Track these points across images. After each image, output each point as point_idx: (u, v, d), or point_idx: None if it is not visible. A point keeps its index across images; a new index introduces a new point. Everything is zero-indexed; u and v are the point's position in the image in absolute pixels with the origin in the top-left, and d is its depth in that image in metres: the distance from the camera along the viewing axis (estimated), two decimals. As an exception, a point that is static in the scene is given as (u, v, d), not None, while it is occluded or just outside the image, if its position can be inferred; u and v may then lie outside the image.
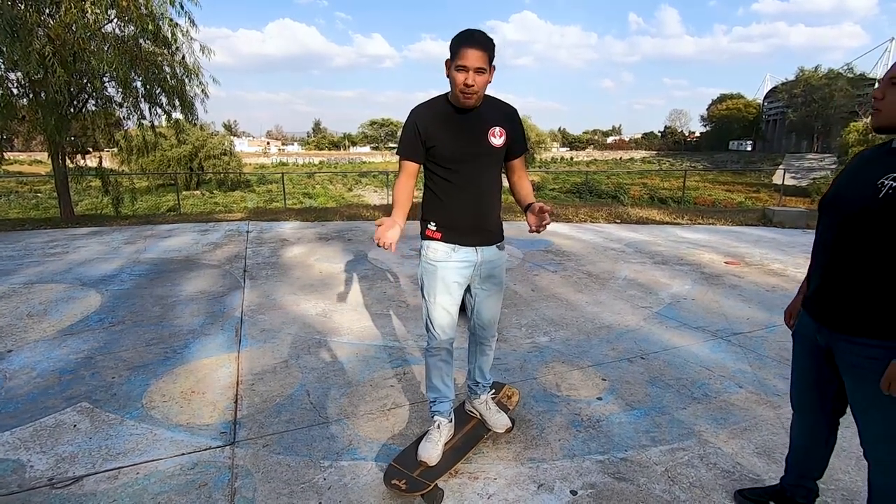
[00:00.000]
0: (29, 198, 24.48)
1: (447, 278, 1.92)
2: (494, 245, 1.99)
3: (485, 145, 1.85)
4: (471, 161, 1.85)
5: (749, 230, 8.14)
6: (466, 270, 1.95)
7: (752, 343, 3.35)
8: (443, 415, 2.07)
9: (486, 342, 2.16)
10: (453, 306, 1.97)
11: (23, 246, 6.53)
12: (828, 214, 1.46)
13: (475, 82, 1.72)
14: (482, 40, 1.71)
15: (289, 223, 8.48)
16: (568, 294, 4.39)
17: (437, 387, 2.06)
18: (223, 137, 38.00)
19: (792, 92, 58.20)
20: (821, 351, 1.50)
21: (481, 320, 2.10)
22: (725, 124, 75.10)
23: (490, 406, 2.23)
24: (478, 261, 1.95)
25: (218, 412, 2.47)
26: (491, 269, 2.00)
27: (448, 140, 1.83)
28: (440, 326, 1.98)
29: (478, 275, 1.99)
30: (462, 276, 1.95)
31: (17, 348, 3.21)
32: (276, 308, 4.02)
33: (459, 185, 1.87)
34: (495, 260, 2.01)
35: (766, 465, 2.08)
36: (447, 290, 1.94)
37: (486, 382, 2.24)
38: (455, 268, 1.92)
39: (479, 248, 1.94)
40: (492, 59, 1.76)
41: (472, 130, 1.84)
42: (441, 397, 2.06)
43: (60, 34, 7.63)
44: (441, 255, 1.92)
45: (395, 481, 1.86)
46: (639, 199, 25.00)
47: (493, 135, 1.85)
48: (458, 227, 1.90)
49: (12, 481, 1.96)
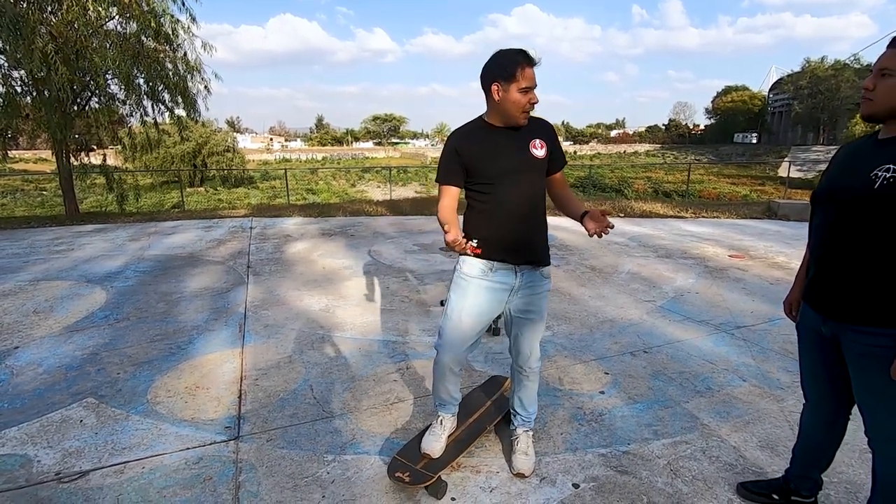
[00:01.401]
0: (34, 195, 24.63)
1: (480, 295, 1.82)
2: (537, 270, 1.87)
3: (528, 158, 1.80)
4: (515, 175, 1.78)
5: (753, 223, 8.10)
6: (501, 294, 1.85)
7: (756, 336, 3.34)
8: (448, 412, 2.06)
9: (524, 373, 1.99)
10: (477, 326, 1.86)
11: (28, 243, 6.57)
12: (821, 207, 1.47)
13: (535, 100, 1.71)
14: (537, 60, 1.71)
15: (292, 219, 8.49)
16: (571, 288, 4.39)
17: (442, 398, 2.02)
18: (226, 134, 38.04)
19: (798, 83, 57.68)
20: (827, 341, 1.50)
21: (518, 350, 1.96)
22: (730, 117, 74.60)
23: (520, 443, 2.04)
24: (516, 285, 1.84)
25: (222, 407, 2.49)
26: (530, 295, 1.87)
27: (491, 158, 1.78)
28: (455, 343, 1.87)
29: (514, 300, 1.87)
30: (495, 300, 1.85)
31: (24, 345, 3.24)
32: (280, 303, 4.03)
33: (504, 201, 1.78)
34: (536, 286, 1.88)
35: (769, 458, 2.08)
36: (476, 307, 1.83)
37: (526, 415, 2.06)
38: (489, 288, 1.83)
39: (518, 270, 1.83)
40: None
41: (514, 145, 1.79)
42: (447, 402, 2.04)
43: (63, 32, 7.66)
44: (477, 271, 1.82)
45: (398, 473, 1.87)
46: (643, 193, 24.89)
47: (535, 147, 1.80)
48: (501, 241, 1.79)
49: (20, 476, 1.98)
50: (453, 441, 2.06)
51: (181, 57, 9.26)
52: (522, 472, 1.97)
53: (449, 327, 1.86)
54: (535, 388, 2.05)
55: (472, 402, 2.34)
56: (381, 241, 6.50)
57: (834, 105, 52.98)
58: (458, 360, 1.92)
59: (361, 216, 8.78)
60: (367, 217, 8.69)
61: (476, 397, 2.40)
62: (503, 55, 1.71)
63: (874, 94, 1.32)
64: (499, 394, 2.41)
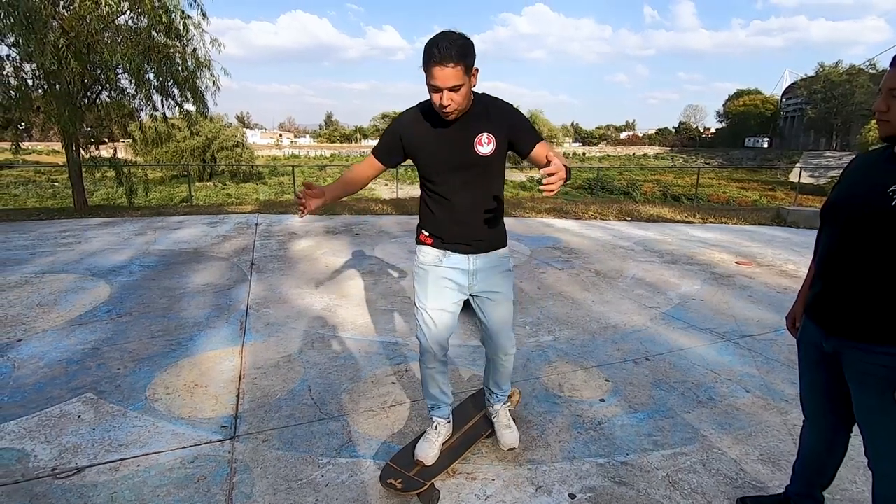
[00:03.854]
0: (46, 187, 24.90)
1: (438, 283, 1.84)
2: (490, 252, 1.86)
3: (472, 155, 1.70)
4: (459, 172, 1.73)
5: (762, 229, 8.00)
6: (459, 277, 1.85)
7: (761, 346, 3.29)
8: (441, 416, 2.04)
9: (497, 356, 1.99)
10: (444, 314, 1.86)
11: (37, 236, 6.63)
12: (831, 220, 1.43)
13: (452, 100, 1.55)
14: (450, 54, 1.48)
15: (297, 216, 8.49)
16: (574, 292, 4.35)
17: (433, 395, 2.02)
18: (236, 129, 38.29)
19: (811, 88, 57.08)
20: (828, 358, 1.46)
21: (487, 332, 1.96)
22: (742, 120, 73.91)
23: (500, 418, 2.12)
24: (470, 268, 1.84)
25: (220, 406, 2.49)
26: (488, 276, 1.86)
27: (432, 152, 1.73)
28: (430, 335, 1.88)
29: (475, 282, 1.86)
30: (453, 282, 1.85)
31: (27, 338, 3.26)
32: (282, 302, 4.03)
33: (448, 197, 1.76)
34: (493, 267, 1.87)
35: (770, 472, 2.04)
36: (437, 295, 1.84)
37: (501, 393, 2.12)
38: (446, 272, 1.84)
39: (471, 255, 1.83)
40: (469, 68, 1.54)
41: (458, 141, 1.69)
42: (438, 403, 2.03)
43: (74, 26, 7.71)
44: (431, 258, 1.85)
45: (390, 480, 1.85)
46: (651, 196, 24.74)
47: (480, 143, 1.68)
48: (448, 236, 1.81)
49: (16, 470, 1.98)
50: (448, 448, 2.04)
51: (191, 52, 9.29)
52: (511, 445, 2.03)
53: (421, 318, 1.89)
54: (510, 369, 2.06)
55: (466, 411, 2.32)
56: (385, 240, 6.49)
57: (848, 110, 52.35)
58: (440, 346, 1.90)
59: (367, 214, 8.78)
60: (373, 215, 8.69)
61: (470, 406, 2.37)
62: (428, 43, 1.52)
63: (889, 115, 1.29)
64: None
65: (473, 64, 1.57)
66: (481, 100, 1.72)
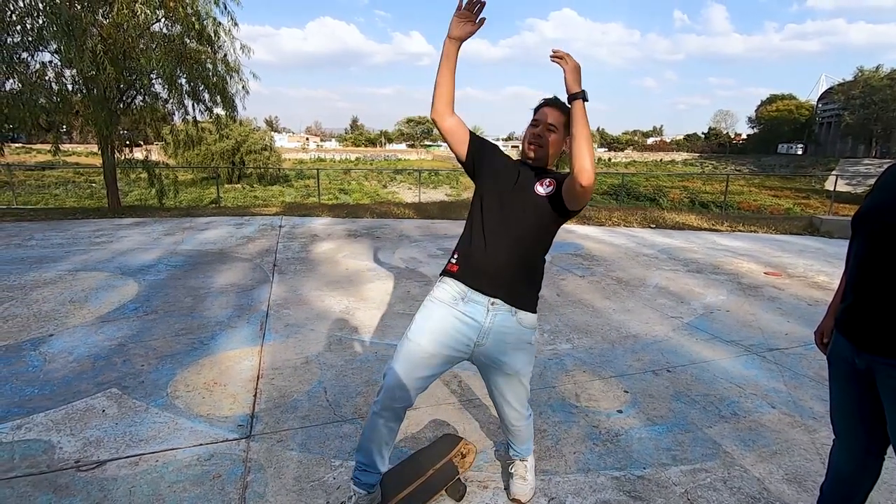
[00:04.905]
0: (84, 187, 25.94)
1: (443, 323, 1.61)
2: (514, 313, 1.62)
3: (528, 191, 1.66)
4: (511, 200, 1.66)
5: (794, 239, 7.74)
6: (468, 330, 1.60)
7: (789, 361, 3.17)
8: (362, 486, 1.67)
9: (513, 427, 1.82)
10: (430, 357, 1.60)
11: (72, 234, 6.89)
12: (863, 230, 1.36)
13: (543, 136, 1.71)
14: (561, 107, 1.71)
15: (321, 219, 8.62)
16: (594, 300, 4.28)
17: (368, 452, 1.65)
18: (264, 133, 39.15)
19: (849, 93, 55.05)
20: (860, 374, 1.40)
21: (498, 408, 1.79)
22: (775, 126, 71.77)
23: (517, 468, 1.91)
24: (485, 324, 1.60)
25: (237, 405, 2.53)
26: (502, 342, 1.62)
27: (497, 171, 1.73)
28: (403, 372, 1.58)
29: (485, 345, 1.62)
30: (460, 333, 1.60)
31: (58, 333, 3.38)
32: (302, 303, 4.08)
33: (491, 221, 1.66)
34: (510, 333, 1.62)
35: (795, 493, 1.96)
36: (437, 338, 1.60)
37: (518, 450, 1.90)
38: (456, 318, 1.61)
39: (492, 305, 1.61)
40: (567, 126, 1.66)
41: (524, 177, 1.70)
42: (368, 467, 1.66)
43: (111, 33, 8.03)
44: (448, 297, 1.65)
45: None
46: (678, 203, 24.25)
47: (542, 184, 1.66)
48: (477, 263, 1.64)
49: (42, 461, 2.05)
50: None
51: (221, 58, 9.58)
52: (519, 498, 1.85)
53: (404, 349, 1.62)
54: (528, 435, 1.88)
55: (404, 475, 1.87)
56: (405, 244, 6.52)
57: (889, 116, 50.32)
58: (405, 391, 1.60)
59: (388, 218, 8.84)
60: (394, 219, 8.74)
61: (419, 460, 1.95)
62: None
63: None
64: (446, 459, 1.93)
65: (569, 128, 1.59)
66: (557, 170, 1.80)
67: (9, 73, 8.00)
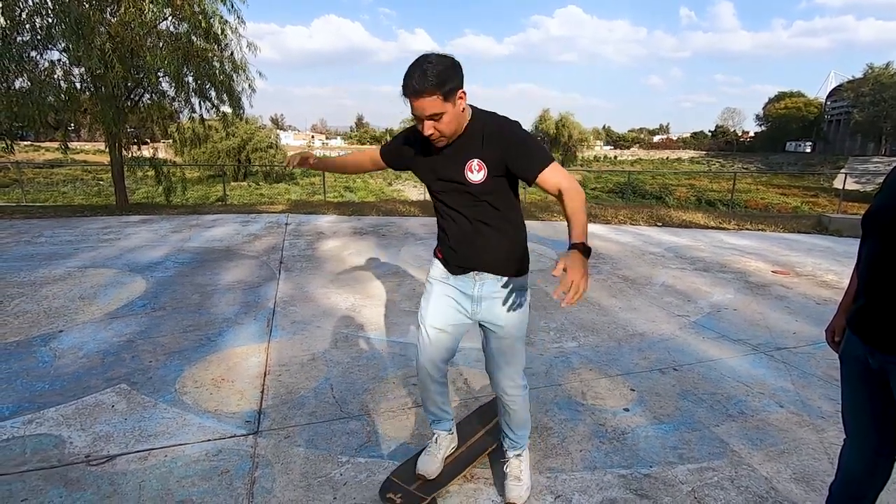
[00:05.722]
0: (92, 185, 26.11)
1: (441, 300, 1.74)
2: (498, 277, 1.68)
3: (463, 181, 1.58)
4: (455, 194, 1.63)
5: (802, 238, 7.68)
6: (462, 300, 1.72)
7: (797, 360, 3.15)
8: (442, 429, 1.97)
9: (498, 394, 1.81)
10: (442, 334, 1.74)
11: (81, 231, 6.95)
12: (873, 229, 1.35)
13: (435, 129, 1.48)
14: (423, 84, 1.39)
15: (326, 216, 8.65)
16: (601, 298, 4.27)
17: (431, 411, 1.93)
18: (270, 131, 39.27)
19: (859, 90, 54.49)
20: (874, 374, 1.39)
21: (490, 372, 1.82)
22: (783, 124, 71.12)
23: (511, 467, 1.88)
24: (475, 294, 1.69)
25: (245, 401, 2.54)
26: (492, 306, 1.69)
27: (430, 169, 1.66)
28: (425, 354, 1.77)
29: (479, 309, 1.71)
30: (456, 305, 1.73)
31: (68, 329, 3.41)
32: (308, 300, 4.10)
33: (449, 216, 1.68)
34: (497, 295, 1.68)
35: (804, 492, 1.95)
36: (438, 313, 1.74)
37: (512, 438, 1.88)
38: (450, 291, 1.73)
39: (477, 276, 1.69)
40: (450, 93, 1.42)
41: (451, 164, 1.58)
42: (438, 418, 1.94)
43: (119, 31, 8.07)
44: (439, 273, 1.77)
45: (390, 495, 1.80)
46: (685, 201, 24.10)
47: (470, 169, 1.55)
48: (451, 256, 1.72)
49: (53, 456, 2.08)
50: (452, 462, 1.96)
51: (228, 56, 9.60)
52: (513, 500, 1.82)
53: (419, 334, 1.79)
54: (523, 414, 1.84)
55: (472, 423, 2.24)
56: (411, 241, 6.53)
57: (899, 114, 49.77)
58: (435, 366, 1.79)
59: (394, 216, 8.85)
60: (400, 217, 8.75)
61: (476, 418, 2.30)
62: (406, 71, 1.44)
63: None
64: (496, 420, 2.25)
65: (457, 87, 1.44)
66: (479, 121, 1.57)
67: (18, 72, 8.06)
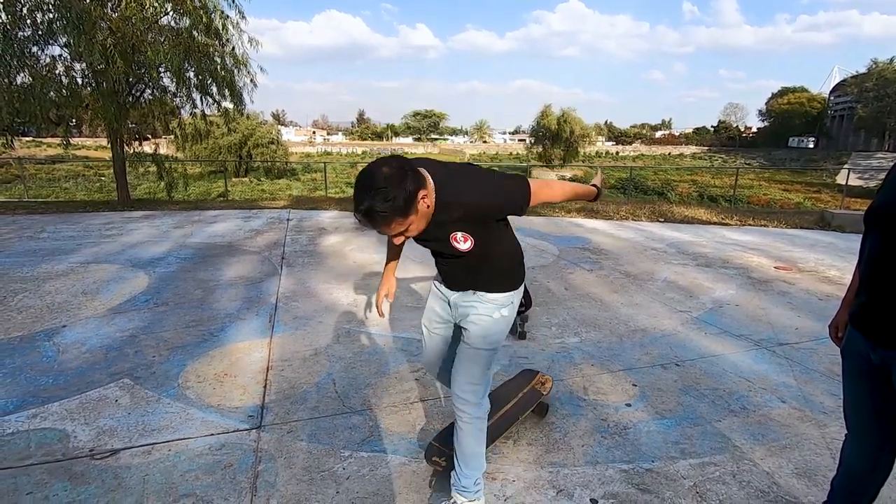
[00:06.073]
0: (94, 181, 26.12)
1: (431, 301, 1.89)
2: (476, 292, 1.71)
3: (454, 252, 1.61)
4: (445, 257, 1.70)
5: (804, 233, 7.66)
6: (443, 303, 1.83)
7: (800, 355, 3.14)
8: None
9: (455, 408, 1.71)
10: (432, 335, 1.88)
11: (83, 227, 6.96)
12: (875, 225, 1.35)
13: (406, 236, 1.51)
14: (377, 220, 1.36)
15: (328, 212, 8.65)
16: (603, 294, 4.27)
17: None
18: (271, 127, 39.14)
19: (863, 85, 54.17)
20: (875, 370, 1.39)
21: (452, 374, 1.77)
22: (786, 119, 70.85)
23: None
24: (451, 298, 1.78)
25: (247, 395, 2.55)
26: (464, 313, 1.73)
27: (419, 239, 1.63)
28: (424, 352, 1.94)
29: (456, 314, 1.78)
30: (441, 307, 1.83)
31: (71, 324, 3.43)
32: (310, 296, 4.11)
33: (439, 260, 1.77)
34: (471, 303, 1.70)
35: (805, 487, 1.95)
36: (429, 315, 1.89)
37: (457, 475, 1.73)
38: (439, 295, 1.86)
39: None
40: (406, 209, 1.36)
41: (436, 236, 1.58)
42: None
43: (120, 27, 8.03)
44: (436, 276, 1.89)
45: (435, 458, 1.89)
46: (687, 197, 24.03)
47: (456, 240, 1.57)
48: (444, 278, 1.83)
49: (57, 450, 2.09)
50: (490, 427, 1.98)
51: (229, 51, 9.56)
52: None
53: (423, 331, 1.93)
54: (470, 442, 1.69)
55: (503, 394, 2.33)
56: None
57: (903, 109, 49.50)
58: (433, 363, 1.92)
59: (396, 212, 8.84)
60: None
61: (507, 389, 2.40)
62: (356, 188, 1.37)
63: None
64: (529, 387, 2.41)
65: (414, 197, 1.37)
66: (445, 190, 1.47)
67: (20, 68, 8.05)
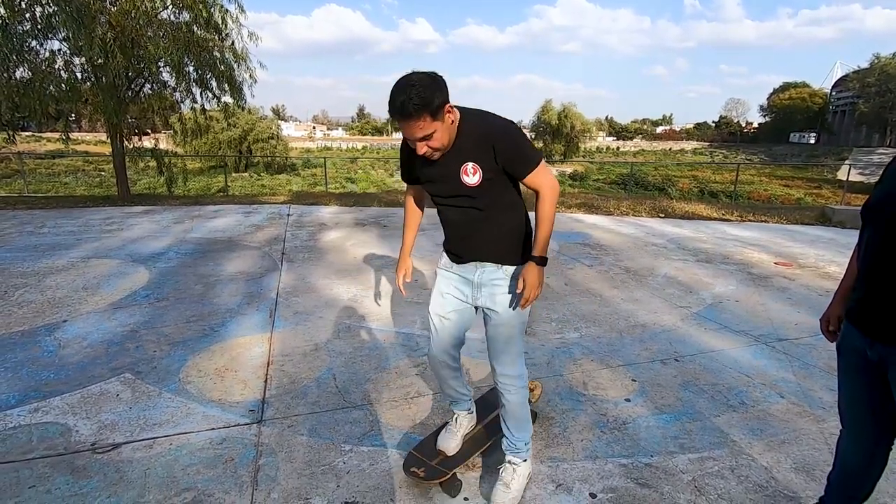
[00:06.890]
0: (93, 176, 26.12)
1: (444, 288, 1.85)
2: (498, 266, 1.73)
3: (460, 186, 1.62)
4: (450, 198, 1.68)
5: (805, 229, 7.65)
6: (463, 286, 1.80)
7: (799, 351, 3.15)
8: (462, 409, 2.05)
9: (500, 385, 1.81)
10: (445, 321, 1.84)
11: (83, 222, 6.96)
12: (873, 220, 1.35)
13: (428, 147, 1.51)
14: (408, 109, 1.40)
15: (328, 207, 8.64)
16: (602, 290, 4.27)
17: (448, 393, 2.02)
18: (271, 122, 39.08)
19: (865, 81, 54.02)
20: (872, 365, 1.39)
21: (490, 354, 1.83)
22: (787, 115, 70.65)
23: (505, 472, 1.84)
24: (475, 280, 1.76)
25: (248, 390, 2.56)
26: (492, 292, 1.74)
27: (428, 177, 1.69)
28: (434, 341, 1.89)
29: (479, 295, 1.77)
30: (458, 291, 1.81)
31: (72, 319, 3.43)
32: (310, 291, 4.11)
33: (449, 216, 1.75)
34: (497, 282, 1.73)
35: (804, 481, 1.96)
36: (441, 301, 1.85)
37: (511, 439, 1.85)
38: (453, 279, 1.83)
39: (478, 265, 1.75)
40: (437, 110, 1.43)
41: (447, 171, 1.61)
42: (456, 399, 2.02)
43: (120, 21, 8.00)
44: (445, 262, 1.87)
45: (413, 469, 1.88)
46: (687, 193, 23.98)
47: (466, 173, 1.58)
48: (456, 248, 1.79)
49: (59, 444, 2.10)
50: (470, 439, 2.05)
51: (229, 46, 9.53)
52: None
53: (429, 322, 1.91)
54: (519, 410, 1.81)
55: (490, 401, 2.31)
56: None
57: (905, 104, 49.35)
58: (445, 352, 1.88)
59: (396, 207, 8.84)
60: (402, 208, 8.73)
61: (495, 395, 2.35)
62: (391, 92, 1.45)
63: None
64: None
65: (444, 103, 1.45)
66: (470, 123, 1.57)
67: (19, 62, 8.02)
